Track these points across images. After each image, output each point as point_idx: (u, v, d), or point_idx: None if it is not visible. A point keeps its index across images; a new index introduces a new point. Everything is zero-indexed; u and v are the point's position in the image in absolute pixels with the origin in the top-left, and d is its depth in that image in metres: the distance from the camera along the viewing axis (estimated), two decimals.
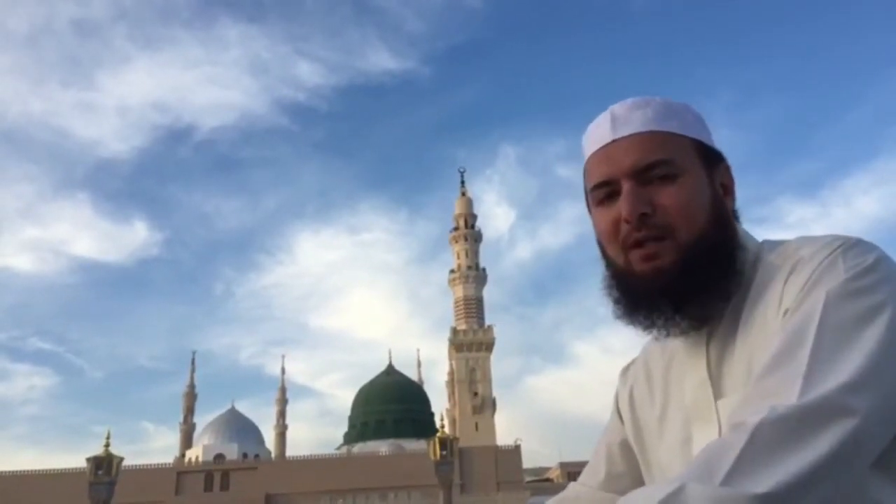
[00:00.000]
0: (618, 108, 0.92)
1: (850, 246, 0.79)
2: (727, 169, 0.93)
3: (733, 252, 0.87)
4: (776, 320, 0.79)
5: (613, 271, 0.90)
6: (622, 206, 0.85)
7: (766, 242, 0.91)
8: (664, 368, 0.95)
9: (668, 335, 0.88)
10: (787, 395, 0.68)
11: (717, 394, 0.84)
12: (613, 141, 0.89)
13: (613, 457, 1.02)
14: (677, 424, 0.90)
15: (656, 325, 0.87)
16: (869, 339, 0.70)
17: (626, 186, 0.86)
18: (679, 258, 0.84)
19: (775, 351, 0.73)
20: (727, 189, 0.92)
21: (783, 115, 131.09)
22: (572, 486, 1.05)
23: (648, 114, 0.89)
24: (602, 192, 0.89)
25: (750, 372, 0.80)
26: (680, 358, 0.91)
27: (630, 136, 0.88)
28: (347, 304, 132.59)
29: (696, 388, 0.87)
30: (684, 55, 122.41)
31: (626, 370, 1.06)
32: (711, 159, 0.90)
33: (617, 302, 0.90)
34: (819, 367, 0.69)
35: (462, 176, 77.82)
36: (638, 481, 0.98)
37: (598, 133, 0.91)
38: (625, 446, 1.01)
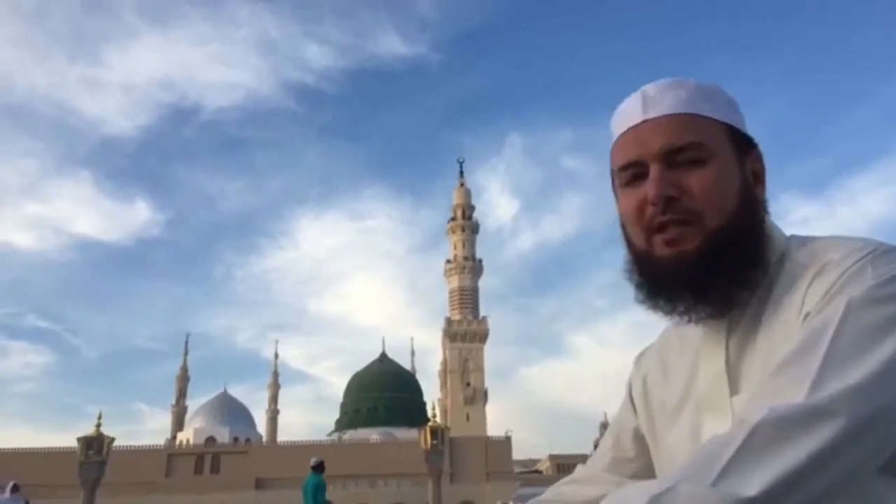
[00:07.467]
0: (650, 88, 0.89)
1: (880, 253, 0.76)
2: (759, 156, 0.90)
3: (759, 242, 0.84)
4: (796, 322, 0.77)
5: (635, 255, 0.87)
6: (649, 189, 0.83)
7: (794, 238, 0.88)
8: (681, 357, 0.93)
9: (689, 321, 0.86)
10: (793, 397, 0.67)
11: (734, 389, 0.83)
12: (644, 121, 0.86)
13: (622, 442, 1.01)
14: (690, 414, 0.88)
15: (677, 311, 0.85)
16: (884, 347, 0.69)
17: (653, 168, 0.84)
18: (703, 244, 0.82)
19: (789, 353, 0.72)
20: (758, 177, 0.89)
21: (790, 110, 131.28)
22: (579, 468, 1.05)
23: (681, 95, 0.86)
24: (629, 174, 0.86)
25: (765, 370, 0.78)
26: (698, 347, 0.90)
27: (661, 117, 0.85)
28: (346, 290, 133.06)
29: (711, 380, 0.86)
30: (694, 46, 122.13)
31: (640, 357, 1.05)
32: (743, 145, 0.88)
33: (638, 286, 0.88)
34: (829, 372, 0.68)
35: (461, 166, 77.93)
36: (646, 467, 0.98)
37: (629, 113, 0.89)
38: (635, 433, 1.00)
